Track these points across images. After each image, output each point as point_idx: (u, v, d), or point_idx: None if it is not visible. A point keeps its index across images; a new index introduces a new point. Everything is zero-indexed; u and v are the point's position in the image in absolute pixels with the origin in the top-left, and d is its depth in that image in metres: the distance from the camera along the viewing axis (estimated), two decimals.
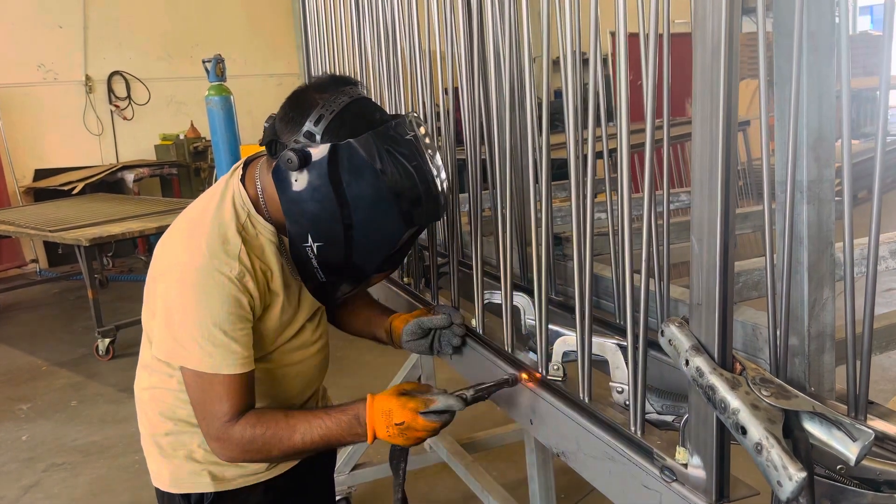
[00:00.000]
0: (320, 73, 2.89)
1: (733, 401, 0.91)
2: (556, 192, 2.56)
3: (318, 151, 1.38)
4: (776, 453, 0.85)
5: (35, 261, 7.72)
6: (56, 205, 6.50)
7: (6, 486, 3.63)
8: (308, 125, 1.39)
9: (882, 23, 0.89)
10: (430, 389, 1.48)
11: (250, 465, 1.59)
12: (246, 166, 1.57)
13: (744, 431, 0.89)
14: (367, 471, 3.17)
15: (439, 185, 1.46)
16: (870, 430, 0.89)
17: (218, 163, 5.57)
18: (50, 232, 5.09)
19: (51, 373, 4.96)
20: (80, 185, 7.25)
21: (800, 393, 0.94)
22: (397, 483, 1.63)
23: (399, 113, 1.49)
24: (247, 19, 9.06)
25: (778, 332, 1.08)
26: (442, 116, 1.91)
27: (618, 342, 1.31)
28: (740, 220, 2.25)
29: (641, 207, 1.12)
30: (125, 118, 8.59)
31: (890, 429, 1.04)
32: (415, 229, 1.52)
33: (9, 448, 4.01)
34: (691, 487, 1.06)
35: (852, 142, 1.03)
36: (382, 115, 1.46)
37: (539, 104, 1.44)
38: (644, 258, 1.16)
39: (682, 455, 1.08)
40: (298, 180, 1.40)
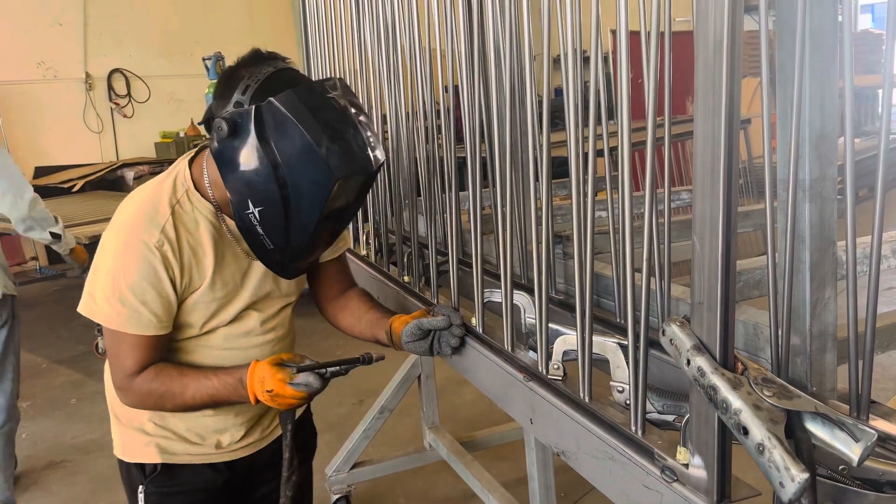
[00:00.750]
0: (321, 70, 2.89)
1: (735, 401, 0.91)
2: (557, 190, 2.55)
3: (243, 116, 1.44)
4: (778, 454, 0.84)
5: (35, 258, 7.71)
6: (56, 202, 6.48)
7: None
8: (237, 96, 1.46)
9: (885, 21, 0.88)
10: (303, 360, 1.60)
11: (201, 444, 1.72)
12: (198, 153, 1.67)
13: (746, 432, 0.89)
14: (366, 469, 3.17)
15: (365, 145, 1.48)
16: (873, 431, 0.89)
17: None
18: None
19: (50, 370, 4.96)
20: (80, 183, 7.24)
21: (802, 393, 0.94)
22: (285, 444, 1.71)
23: (330, 77, 1.56)
24: (247, 17, 9.06)
25: (779, 332, 1.08)
26: (442, 114, 1.91)
27: (618, 341, 1.31)
28: (741, 219, 2.24)
29: (641, 206, 1.12)
30: (125, 116, 8.59)
31: (892, 429, 1.03)
32: (349, 186, 1.54)
33: None
34: (692, 488, 1.05)
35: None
36: (302, 80, 1.52)
37: (539, 102, 1.44)
38: (645, 257, 1.16)
39: (683, 455, 1.07)
40: (232, 149, 1.46)
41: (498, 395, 1.66)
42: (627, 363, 1.23)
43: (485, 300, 1.71)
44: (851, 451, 0.90)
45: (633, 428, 1.18)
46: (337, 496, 3.11)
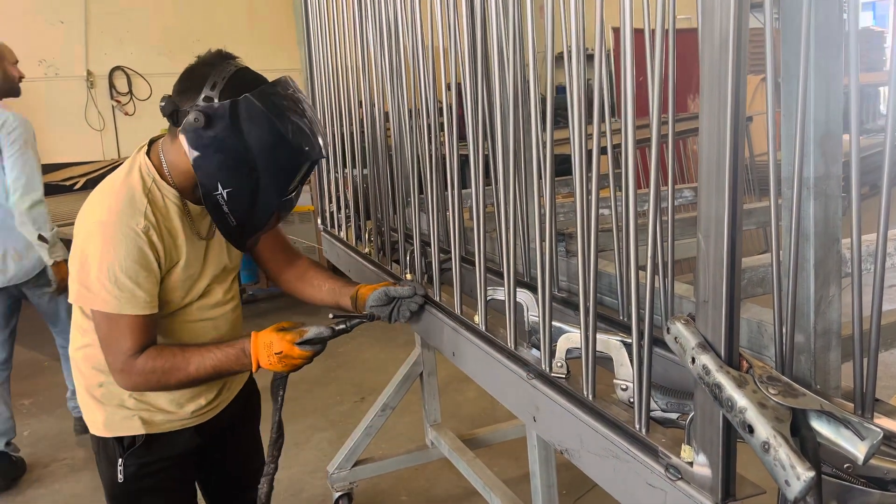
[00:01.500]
0: (322, 68, 2.89)
1: (740, 399, 0.91)
2: (559, 188, 2.55)
3: (219, 109, 1.63)
4: (784, 452, 0.84)
5: None
6: (57, 200, 6.48)
7: None
8: (206, 91, 1.64)
9: (886, 19, 0.88)
10: (302, 325, 1.76)
11: (178, 411, 1.86)
12: (150, 145, 1.82)
13: (751, 430, 0.89)
14: (369, 467, 3.17)
15: (317, 130, 1.72)
16: (878, 429, 0.88)
17: None
18: None
19: (52, 368, 4.95)
20: (81, 181, 7.23)
21: (807, 391, 0.94)
22: (276, 408, 1.90)
23: (283, 77, 1.77)
24: (248, 14, 9.04)
25: (784, 330, 1.08)
26: (445, 112, 1.91)
27: (622, 339, 1.31)
28: (745, 217, 2.23)
29: (644, 203, 1.12)
30: (127, 113, 8.58)
31: None
32: (306, 170, 1.78)
33: None
34: (697, 486, 1.05)
35: None
36: (264, 79, 1.72)
37: (542, 99, 1.44)
38: (649, 254, 1.15)
39: (687, 453, 1.07)
40: (205, 137, 1.65)
41: (500, 392, 1.66)
42: (631, 361, 1.23)
43: (488, 298, 1.71)
44: (857, 449, 0.89)
45: (637, 426, 1.18)
46: (339, 493, 3.11)
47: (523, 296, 1.60)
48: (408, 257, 2.18)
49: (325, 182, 3.08)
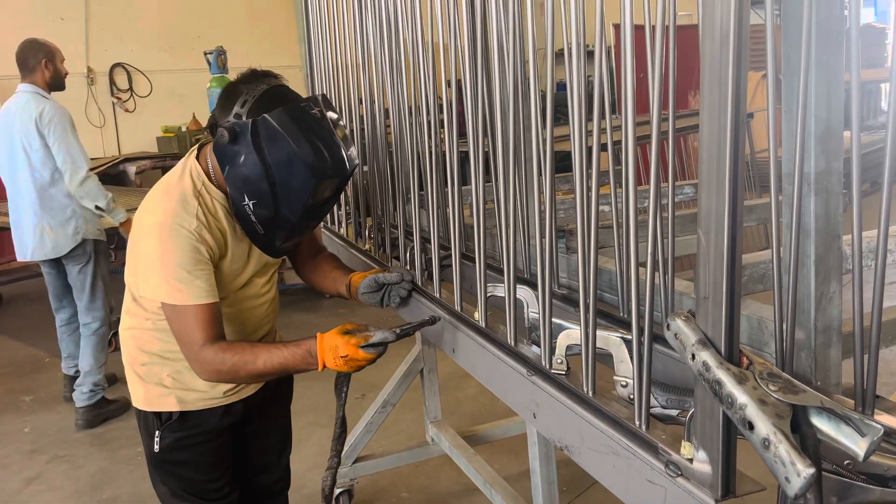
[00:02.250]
0: (322, 65, 2.90)
1: (741, 396, 0.91)
2: (559, 184, 2.55)
3: (242, 126, 1.77)
4: (784, 449, 0.84)
5: None
6: None
7: (9, 478, 3.64)
8: (236, 108, 1.78)
9: (887, 15, 0.88)
10: (367, 328, 1.81)
11: (210, 391, 1.98)
12: (200, 149, 1.96)
13: (751, 427, 0.89)
14: (369, 463, 3.17)
15: (341, 153, 1.81)
16: (879, 426, 0.88)
17: None
18: None
19: (53, 364, 4.95)
20: None
21: (808, 388, 0.94)
22: (340, 404, 2.03)
23: (314, 96, 1.87)
24: (248, 11, 9.03)
25: (784, 326, 1.07)
26: (445, 109, 1.90)
27: (622, 335, 1.31)
28: (745, 213, 2.23)
29: (644, 200, 1.11)
30: (127, 110, 8.57)
31: None
32: (328, 186, 1.88)
33: (11, 440, 4.01)
34: (697, 482, 1.05)
35: None
36: (296, 97, 1.83)
37: (542, 96, 1.43)
38: (650, 251, 1.15)
39: (687, 450, 1.07)
40: (231, 152, 1.79)
41: (500, 389, 1.66)
42: (631, 357, 1.23)
43: (488, 295, 1.70)
44: (857, 445, 0.89)
45: (637, 422, 1.18)
46: (339, 490, 3.11)
47: (523, 292, 1.60)
48: (408, 254, 2.18)
49: None
